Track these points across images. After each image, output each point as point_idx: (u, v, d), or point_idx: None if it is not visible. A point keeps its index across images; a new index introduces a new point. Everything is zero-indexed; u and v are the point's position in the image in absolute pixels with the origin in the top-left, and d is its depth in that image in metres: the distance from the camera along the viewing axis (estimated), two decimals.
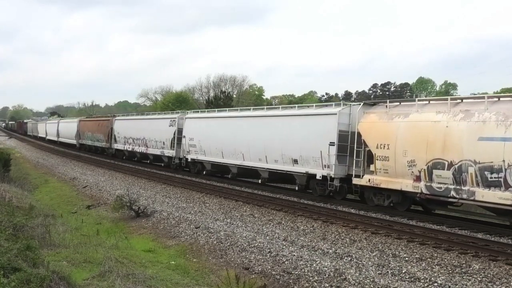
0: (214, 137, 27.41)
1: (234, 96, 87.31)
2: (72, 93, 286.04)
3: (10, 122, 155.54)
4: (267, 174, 23.61)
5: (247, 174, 25.92)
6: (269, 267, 12.17)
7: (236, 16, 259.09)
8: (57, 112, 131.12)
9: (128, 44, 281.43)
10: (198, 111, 33.94)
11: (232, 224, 16.66)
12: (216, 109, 33.01)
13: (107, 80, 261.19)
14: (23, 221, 14.22)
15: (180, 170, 31.81)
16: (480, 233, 14.36)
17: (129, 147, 40.46)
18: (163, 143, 33.61)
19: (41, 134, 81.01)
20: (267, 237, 14.64)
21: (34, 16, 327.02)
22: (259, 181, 24.27)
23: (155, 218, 18.71)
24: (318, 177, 19.82)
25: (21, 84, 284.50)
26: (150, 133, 35.83)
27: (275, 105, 73.97)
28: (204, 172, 28.91)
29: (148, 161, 37.57)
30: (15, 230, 12.87)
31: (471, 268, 11.07)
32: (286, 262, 12.28)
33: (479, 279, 10.45)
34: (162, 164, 34.83)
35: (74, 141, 57.06)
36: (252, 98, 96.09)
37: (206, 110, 34.77)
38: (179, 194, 23.53)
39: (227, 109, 33.69)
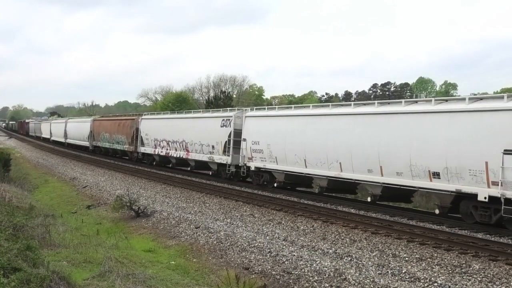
0: (292, 141, 21.50)
1: (234, 96, 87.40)
2: (72, 93, 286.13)
3: (10, 122, 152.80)
4: (380, 190, 17.95)
5: (342, 188, 20.91)
6: (269, 267, 12.17)
7: (236, 16, 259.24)
8: (57, 112, 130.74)
9: (128, 44, 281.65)
10: (263, 108, 26.96)
11: (232, 224, 16.66)
12: (293, 106, 26.95)
13: (107, 80, 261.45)
14: (23, 221, 14.24)
15: (235, 181, 25.90)
16: (480, 233, 14.34)
17: (161, 151, 33.91)
18: (212, 147, 27.41)
19: (45, 134, 75.50)
20: (267, 237, 14.64)
21: (35, 16, 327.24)
22: (368, 199, 18.79)
23: (155, 218, 18.71)
24: (481, 198, 14.43)
25: (21, 84, 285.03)
26: (193, 135, 29.57)
27: (275, 105, 73.93)
28: (275, 185, 23.02)
29: (189, 168, 31.42)
30: (15, 230, 12.88)
31: (471, 268, 11.07)
32: (286, 262, 12.29)
33: (479, 279, 10.44)
34: (210, 173, 28.80)
35: (86, 143, 50.80)
36: (252, 98, 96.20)
37: (275, 106, 27.78)
38: (179, 194, 23.53)
39: (310, 105, 26.52)
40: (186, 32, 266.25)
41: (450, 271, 10.96)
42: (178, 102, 75.30)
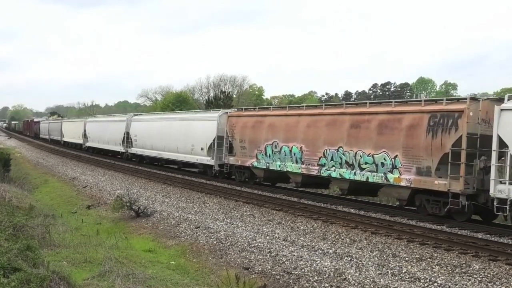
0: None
1: (234, 96, 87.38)
2: (72, 93, 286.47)
3: (13, 122, 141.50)
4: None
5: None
6: (269, 267, 12.17)
7: (237, 16, 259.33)
8: (57, 112, 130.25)
9: (128, 44, 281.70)
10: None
11: (232, 224, 16.66)
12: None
13: (107, 80, 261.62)
14: (23, 221, 14.26)
15: None
16: (480, 233, 14.35)
17: None
18: None
19: (70, 138, 56.75)
20: (267, 237, 14.64)
21: (36, 16, 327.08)
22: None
23: (155, 218, 18.71)
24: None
25: (21, 84, 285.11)
26: None
27: (275, 105, 73.88)
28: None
29: None
30: (15, 230, 12.91)
31: (471, 268, 11.07)
32: (286, 262, 12.28)
33: (479, 279, 10.45)
34: None
35: (201, 158, 27.98)
36: (252, 98, 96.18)
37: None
38: (179, 194, 23.52)
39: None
40: (187, 32, 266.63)
41: (450, 271, 10.96)
42: (178, 102, 75.24)
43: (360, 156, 18.19)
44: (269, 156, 22.83)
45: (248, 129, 24.47)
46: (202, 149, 27.64)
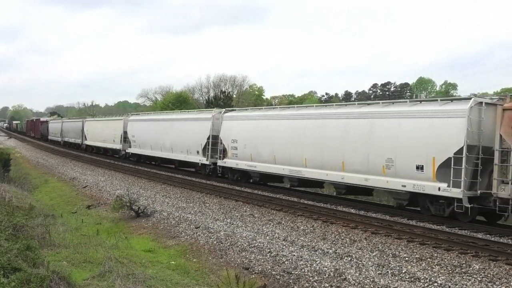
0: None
1: (234, 96, 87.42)
2: (72, 93, 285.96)
3: (14, 122, 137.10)
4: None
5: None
6: (269, 267, 12.17)
7: (237, 16, 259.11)
8: (57, 112, 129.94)
9: (128, 44, 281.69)
10: None
11: (232, 224, 16.67)
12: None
13: (107, 80, 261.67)
14: (23, 221, 14.27)
15: None
16: (480, 233, 14.35)
17: None
18: None
19: (98, 141, 46.68)
20: (267, 237, 14.64)
21: (37, 16, 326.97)
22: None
23: (155, 218, 18.71)
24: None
25: (21, 84, 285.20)
26: None
27: (275, 105, 73.88)
28: None
29: None
30: (15, 230, 12.91)
31: (471, 268, 11.07)
32: (286, 262, 12.29)
33: (479, 279, 10.45)
34: None
35: (412, 184, 16.23)
36: (252, 98, 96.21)
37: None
38: (179, 194, 23.52)
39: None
40: (187, 32, 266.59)
41: (450, 271, 10.96)
42: (178, 102, 75.26)
43: None
44: None
45: None
46: (420, 167, 16.02)
